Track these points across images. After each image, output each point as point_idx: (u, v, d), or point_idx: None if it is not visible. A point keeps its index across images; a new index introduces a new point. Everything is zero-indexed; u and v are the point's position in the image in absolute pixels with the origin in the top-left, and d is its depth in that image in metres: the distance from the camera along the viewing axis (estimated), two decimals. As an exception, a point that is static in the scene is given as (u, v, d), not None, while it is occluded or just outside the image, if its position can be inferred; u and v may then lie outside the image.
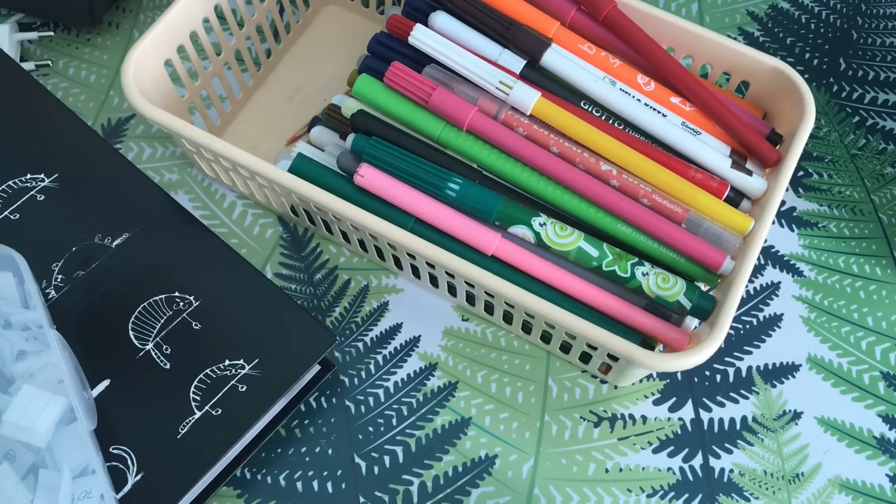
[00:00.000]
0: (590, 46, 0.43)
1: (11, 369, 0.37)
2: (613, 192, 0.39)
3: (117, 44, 0.54)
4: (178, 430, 0.37)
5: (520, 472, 0.41)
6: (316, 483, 0.40)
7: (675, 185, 0.39)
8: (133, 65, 0.41)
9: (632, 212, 0.39)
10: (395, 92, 0.41)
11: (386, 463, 0.41)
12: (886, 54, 0.54)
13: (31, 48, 0.54)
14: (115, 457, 0.37)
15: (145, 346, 0.39)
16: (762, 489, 0.40)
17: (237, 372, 0.38)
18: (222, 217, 0.48)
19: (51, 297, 0.40)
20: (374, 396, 0.43)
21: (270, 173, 0.39)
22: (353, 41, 0.53)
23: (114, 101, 0.51)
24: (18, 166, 0.44)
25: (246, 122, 0.51)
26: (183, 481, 0.36)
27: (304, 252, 0.47)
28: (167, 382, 0.38)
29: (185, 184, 0.49)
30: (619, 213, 0.39)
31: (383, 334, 0.44)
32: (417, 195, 0.39)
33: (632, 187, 0.39)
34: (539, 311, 0.36)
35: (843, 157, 0.50)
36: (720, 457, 0.41)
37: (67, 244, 0.42)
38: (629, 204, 0.39)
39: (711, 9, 0.56)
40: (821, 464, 0.41)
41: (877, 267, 0.46)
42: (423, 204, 0.39)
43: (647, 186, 0.39)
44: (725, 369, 0.44)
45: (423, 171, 0.39)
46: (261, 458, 0.41)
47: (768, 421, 0.42)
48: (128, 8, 0.55)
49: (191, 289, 0.41)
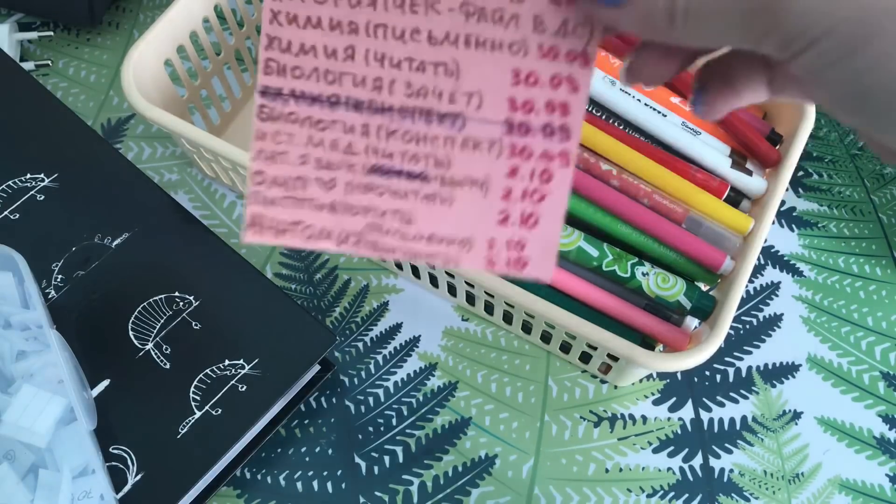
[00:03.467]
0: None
1: (11, 369, 0.37)
2: (613, 192, 0.39)
3: (117, 44, 0.54)
4: (178, 430, 0.37)
5: (520, 472, 0.41)
6: (316, 483, 0.40)
7: (675, 185, 0.39)
8: (133, 64, 0.41)
9: (632, 212, 0.39)
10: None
11: (386, 463, 0.41)
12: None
13: (31, 48, 0.54)
14: (114, 457, 0.37)
15: (145, 346, 0.39)
16: (762, 489, 0.40)
17: (237, 372, 0.38)
18: (222, 217, 0.48)
19: (51, 296, 0.40)
20: (374, 396, 0.43)
21: (270, 173, 0.39)
22: (353, 41, 0.53)
23: (113, 101, 0.51)
24: (18, 166, 0.44)
25: (246, 121, 0.51)
26: (183, 481, 0.36)
27: (303, 252, 0.47)
28: (167, 382, 0.38)
29: (185, 183, 0.49)
30: (619, 212, 0.39)
31: (383, 334, 0.44)
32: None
33: (632, 187, 0.39)
34: (539, 311, 0.36)
35: (843, 157, 0.50)
36: (720, 457, 0.41)
37: (67, 244, 0.42)
38: (629, 204, 0.39)
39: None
40: (821, 464, 0.41)
41: (877, 267, 0.46)
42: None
43: (647, 186, 0.39)
44: (725, 369, 0.44)
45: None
46: (261, 457, 0.41)
47: (768, 421, 0.42)
48: (127, 8, 0.55)
49: (191, 289, 0.41)
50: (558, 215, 0.23)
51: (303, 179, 0.23)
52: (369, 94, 0.22)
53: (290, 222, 0.23)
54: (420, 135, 0.23)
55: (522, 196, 0.23)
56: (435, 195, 0.23)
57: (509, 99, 0.22)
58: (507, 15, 0.22)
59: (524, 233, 0.23)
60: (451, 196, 0.23)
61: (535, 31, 0.22)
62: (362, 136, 0.23)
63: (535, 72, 0.22)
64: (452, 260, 0.23)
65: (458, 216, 0.23)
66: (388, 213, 0.23)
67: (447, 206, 0.23)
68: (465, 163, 0.23)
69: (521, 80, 0.22)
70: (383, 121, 0.23)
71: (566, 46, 0.22)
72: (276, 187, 0.23)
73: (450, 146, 0.23)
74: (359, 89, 0.22)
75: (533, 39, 0.22)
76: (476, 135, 0.23)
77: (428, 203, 0.23)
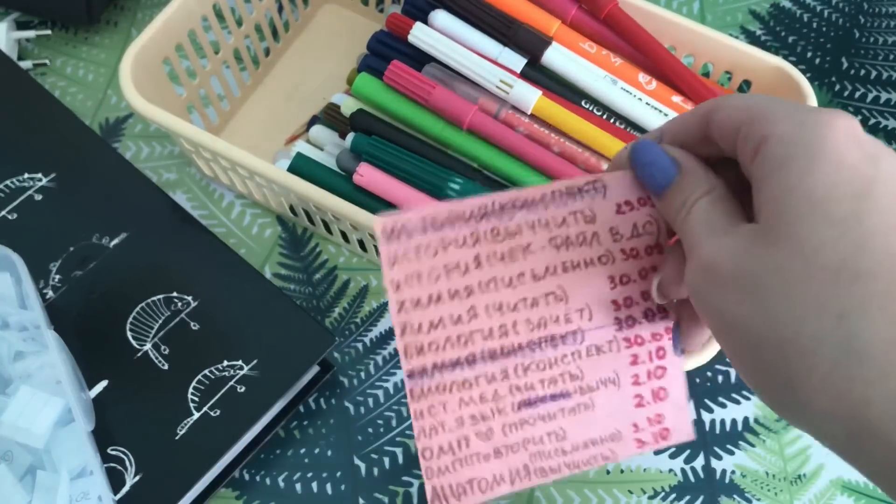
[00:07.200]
0: (591, 45, 0.42)
1: (9, 370, 0.37)
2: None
3: (115, 42, 0.54)
4: (177, 431, 0.37)
5: (520, 474, 0.40)
6: (315, 484, 0.40)
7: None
8: (131, 63, 0.41)
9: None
10: (395, 91, 0.41)
11: (385, 464, 0.41)
12: (889, 53, 0.53)
13: (29, 47, 0.53)
14: (113, 458, 0.36)
15: (143, 347, 0.39)
16: (764, 490, 0.40)
17: (236, 373, 0.38)
18: (221, 217, 0.47)
19: (48, 297, 0.40)
20: (373, 397, 0.42)
21: (269, 173, 0.39)
22: (353, 40, 0.53)
23: (112, 100, 0.51)
24: (16, 166, 0.44)
25: (245, 121, 0.50)
26: (181, 483, 0.36)
27: (303, 252, 0.46)
28: (165, 383, 0.38)
29: (184, 183, 0.48)
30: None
31: (383, 335, 0.44)
32: (418, 195, 0.39)
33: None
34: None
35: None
36: (722, 458, 0.41)
37: (65, 244, 0.42)
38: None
39: (713, 7, 0.56)
40: (823, 465, 0.41)
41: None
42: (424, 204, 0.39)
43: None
44: (727, 370, 0.43)
45: (424, 171, 0.39)
46: (260, 459, 0.41)
47: (770, 422, 0.42)
48: (126, 6, 0.55)
49: (189, 289, 0.40)
50: (681, 382, 0.26)
51: (464, 439, 0.25)
52: (499, 343, 0.25)
53: (465, 482, 0.25)
54: (551, 360, 0.25)
55: (648, 377, 0.26)
56: (578, 406, 0.26)
57: (612, 301, 0.25)
58: (588, 235, 0.24)
59: (659, 407, 0.26)
60: (592, 401, 0.26)
61: (614, 240, 0.25)
62: (503, 380, 0.25)
63: (625, 273, 0.25)
64: (610, 458, 0.26)
65: (602, 416, 0.26)
66: (544, 438, 0.26)
67: (591, 410, 0.26)
68: (594, 368, 0.26)
69: (617, 283, 0.25)
70: (517, 360, 0.25)
71: (643, 243, 0.25)
72: (443, 455, 0.25)
73: (578, 359, 0.25)
74: (489, 341, 0.25)
75: (615, 248, 0.25)
76: (596, 342, 0.25)
77: (574, 415, 0.26)
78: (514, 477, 0.25)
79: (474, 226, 0.24)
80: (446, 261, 0.24)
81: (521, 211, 0.24)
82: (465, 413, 0.25)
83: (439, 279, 0.24)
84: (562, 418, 0.26)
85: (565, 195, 0.24)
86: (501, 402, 0.25)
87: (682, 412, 0.26)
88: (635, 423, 0.26)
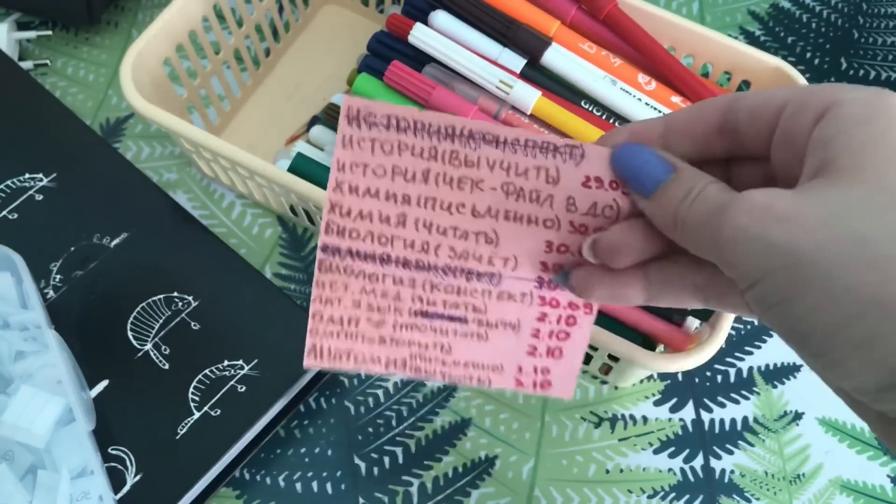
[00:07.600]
0: (590, 45, 0.42)
1: (10, 370, 0.37)
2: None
3: (116, 43, 0.54)
4: (177, 430, 0.37)
5: (520, 473, 0.40)
6: (315, 484, 0.40)
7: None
8: (131, 64, 0.41)
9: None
10: (395, 91, 0.41)
11: (386, 464, 0.41)
12: (888, 54, 0.53)
13: (30, 47, 0.53)
14: (113, 457, 0.36)
15: (144, 347, 0.39)
16: (763, 490, 0.40)
17: (236, 372, 0.38)
18: (221, 217, 0.48)
19: (49, 297, 0.40)
20: (373, 397, 0.42)
21: (269, 173, 0.39)
22: (353, 40, 0.53)
23: (112, 101, 0.51)
24: (17, 166, 0.44)
25: (245, 121, 0.50)
26: (182, 482, 0.36)
27: (303, 252, 0.47)
28: (166, 383, 0.38)
29: (184, 183, 0.49)
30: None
31: (383, 334, 0.44)
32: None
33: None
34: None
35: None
36: (721, 457, 0.41)
37: (66, 244, 0.42)
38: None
39: (712, 8, 0.56)
40: (822, 464, 0.41)
41: (878, 267, 0.46)
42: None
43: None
44: (726, 370, 0.43)
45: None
46: (260, 458, 0.41)
47: (769, 422, 0.42)
48: (126, 7, 0.55)
49: (189, 289, 0.40)
50: (580, 350, 0.27)
51: (355, 319, 0.25)
52: (417, 255, 0.25)
53: (344, 351, 0.26)
54: (460, 288, 0.26)
55: (549, 335, 0.26)
56: (472, 333, 0.26)
57: (542, 262, 0.25)
58: (544, 195, 0.24)
59: (549, 362, 0.27)
60: (487, 334, 0.26)
61: (567, 210, 0.24)
62: (409, 287, 0.25)
63: (565, 243, 0.25)
64: (485, 381, 0.27)
65: (492, 348, 0.26)
66: (430, 345, 0.26)
67: (483, 341, 0.26)
68: (499, 310, 0.26)
69: (553, 249, 0.25)
70: (428, 276, 0.25)
71: (595, 223, 0.24)
72: (332, 324, 0.25)
73: (486, 297, 0.26)
74: (407, 251, 0.25)
75: (565, 217, 0.24)
76: (510, 289, 0.26)
77: (466, 339, 0.26)
78: (390, 363, 0.26)
79: (437, 142, 0.23)
80: (396, 163, 0.24)
81: (488, 146, 0.24)
82: (363, 300, 0.25)
83: (383, 177, 0.24)
84: (452, 337, 0.26)
85: (538, 148, 0.24)
86: (400, 304, 0.25)
87: (570, 374, 0.27)
88: (521, 365, 0.26)
